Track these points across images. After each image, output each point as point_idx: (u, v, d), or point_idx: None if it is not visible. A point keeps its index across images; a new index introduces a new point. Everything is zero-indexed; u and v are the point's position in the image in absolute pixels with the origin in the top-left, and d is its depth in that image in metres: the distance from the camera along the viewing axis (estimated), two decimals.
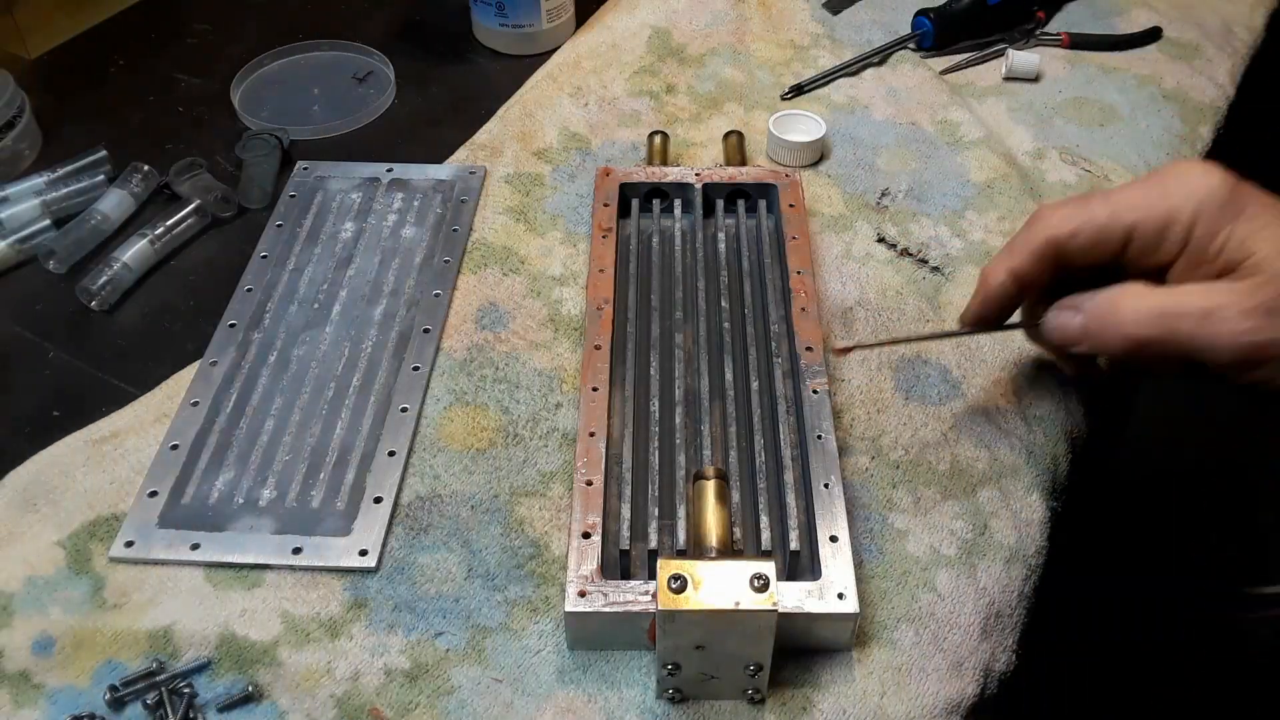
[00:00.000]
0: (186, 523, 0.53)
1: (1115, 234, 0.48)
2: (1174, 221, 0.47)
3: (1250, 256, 0.46)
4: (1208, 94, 0.81)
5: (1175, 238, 0.47)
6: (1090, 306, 0.49)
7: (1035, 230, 0.50)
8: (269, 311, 0.63)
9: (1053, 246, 0.49)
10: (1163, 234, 0.48)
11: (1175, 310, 0.47)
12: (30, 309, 0.65)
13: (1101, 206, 0.49)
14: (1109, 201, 0.49)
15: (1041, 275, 0.51)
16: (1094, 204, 0.49)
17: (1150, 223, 0.48)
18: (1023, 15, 0.86)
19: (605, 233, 0.64)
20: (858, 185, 0.72)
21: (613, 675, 0.48)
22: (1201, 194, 0.47)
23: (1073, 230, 0.49)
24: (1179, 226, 0.47)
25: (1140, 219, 0.48)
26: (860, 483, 0.55)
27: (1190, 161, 0.48)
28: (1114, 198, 0.49)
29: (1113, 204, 0.48)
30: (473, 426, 0.58)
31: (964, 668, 0.49)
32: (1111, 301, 0.48)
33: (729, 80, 0.81)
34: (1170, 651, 0.93)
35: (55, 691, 0.47)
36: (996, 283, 0.51)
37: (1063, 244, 0.49)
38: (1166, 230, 0.47)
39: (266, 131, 0.75)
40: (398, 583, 0.51)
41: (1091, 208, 0.49)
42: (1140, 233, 0.48)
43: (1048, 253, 0.50)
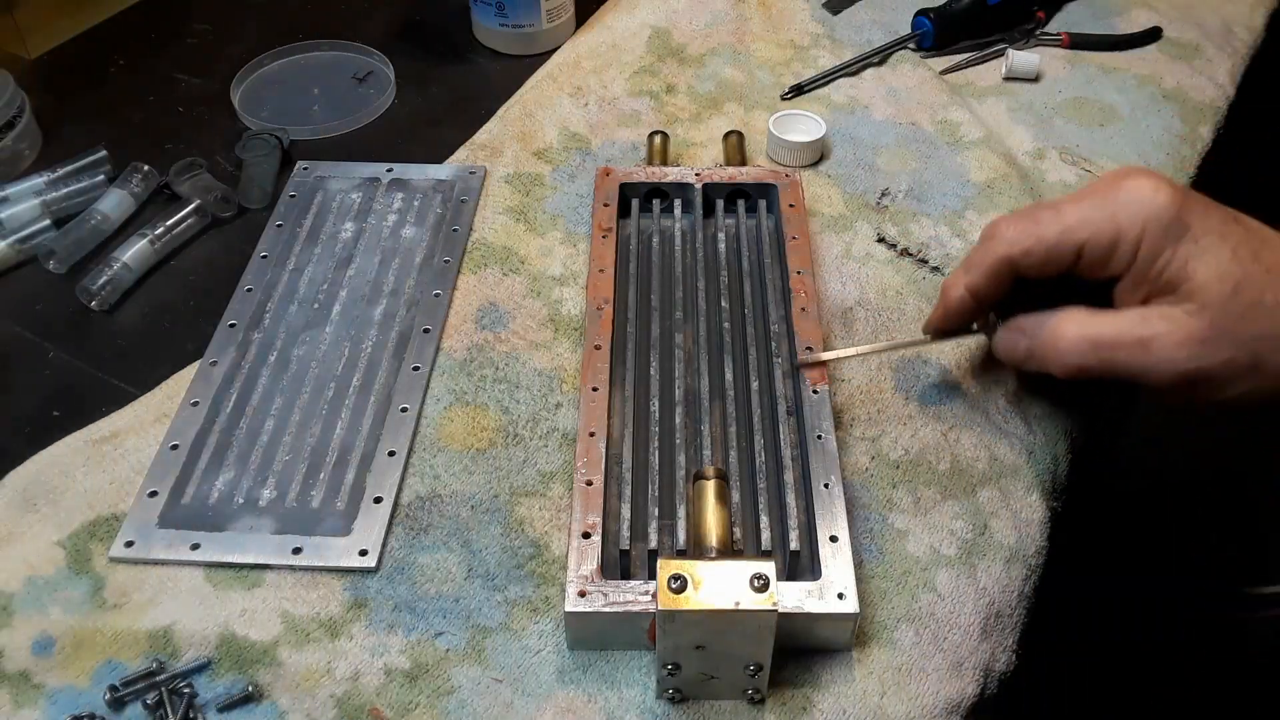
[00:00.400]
0: (186, 523, 0.53)
1: (1066, 251, 0.50)
2: (1121, 241, 0.48)
3: (1189, 280, 0.47)
4: (1208, 94, 0.81)
5: (1123, 255, 0.49)
6: (1033, 331, 0.51)
7: (990, 248, 0.52)
8: (269, 311, 0.63)
9: (1006, 264, 0.51)
10: (1110, 251, 0.49)
11: (1112, 340, 0.49)
12: (30, 309, 0.65)
13: (1052, 224, 0.50)
14: (1060, 218, 0.50)
15: (997, 289, 0.52)
16: (1045, 221, 0.50)
17: (1099, 241, 0.49)
18: (1023, 15, 0.86)
19: (605, 233, 0.64)
20: (858, 185, 0.72)
21: (613, 675, 0.48)
22: (1148, 213, 0.48)
23: (1025, 249, 0.50)
24: (1126, 245, 0.48)
25: (1090, 237, 0.49)
26: (860, 483, 0.55)
27: (1140, 175, 0.49)
28: (1065, 213, 0.50)
29: (1063, 221, 0.50)
30: (473, 426, 0.58)
31: (964, 668, 0.49)
32: (1052, 329, 0.50)
33: (729, 80, 0.81)
34: (1170, 651, 0.93)
35: (55, 691, 0.47)
36: (955, 297, 0.53)
37: (1016, 261, 0.51)
38: (1114, 248, 0.49)
39: (266, 131, 0.75)
40: (398, 583, 0.51)
41: (1042, 227, 0.50)
42: (1089, 249, 0.49)
43: (1002, 269, 0.51)
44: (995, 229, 0.52)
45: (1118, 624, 0.94)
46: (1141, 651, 0.94)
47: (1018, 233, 0.51)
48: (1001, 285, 0.52)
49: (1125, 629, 0.94)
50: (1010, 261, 0.51)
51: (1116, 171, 0.50)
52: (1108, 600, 0.94)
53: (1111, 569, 0.96)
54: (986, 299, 0.53)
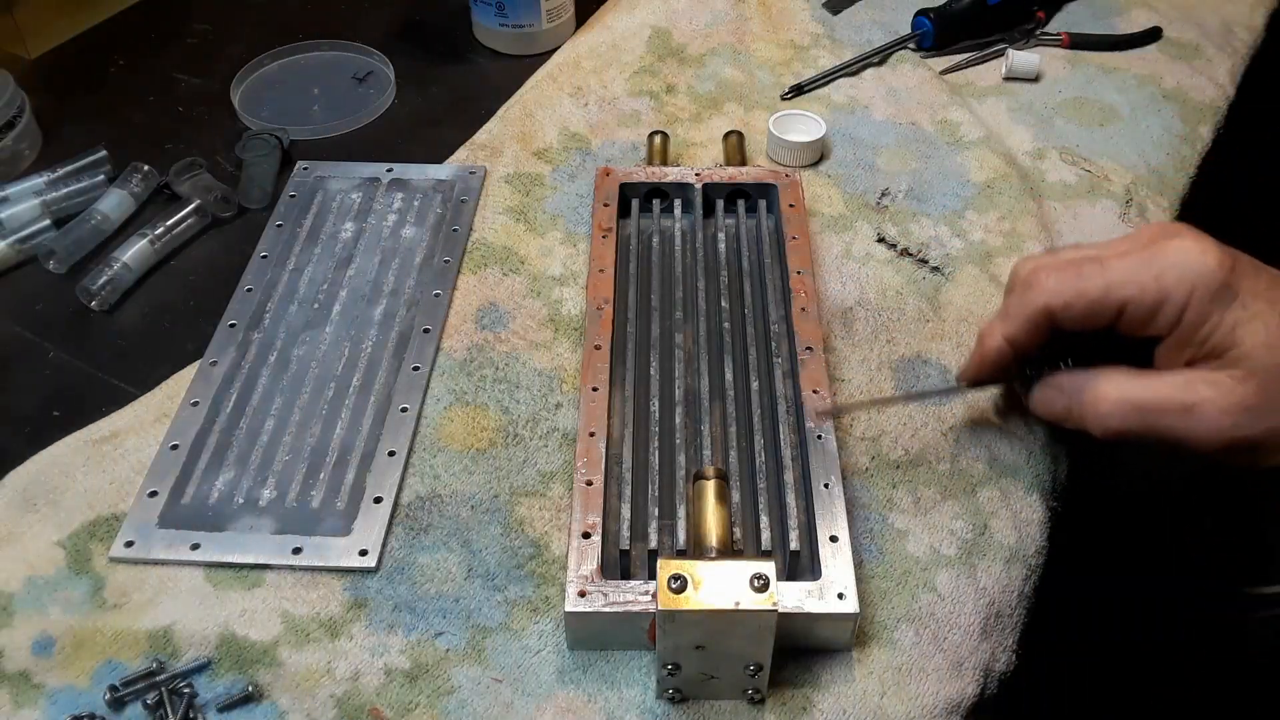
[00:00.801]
0: (186, 523, 0.53)
1: (1108, 308, 0.48)
2: (1166, 302, 0.47)
3: (1236, 346, 0.46)
4: (1208, 94, 0.81)
5: (1167, 317, 0.47)
6: (1072, 391, 0.50)
7: (1029, 298, 0.50)
8: (269, 311, 0.63)
9: (1046, 315, 0.50)
10: (1154, 313, 0.48)
11: (1155, 405, 0.47)
12: (30, 309, 0.65)
13: (1096, 278, 0.48)
14: (1104, 273, 0.48)
15: (1035, 340, 0.51)
16: (1088, 275, 0.49)
17: (1143, 301, 0.47)
18: (1023, 15, 0.86)
19: (605, 233, 0.64)
20: (858, 185, 0.72)
21: (613, 675, 0.48)
22: (1196, 276, 0.46)
23: (1066, 303, 0.49)
24: (1171, 307, 0.47)
25: (1133, 296, 0.48)
26: (860, 483, 0.55)
27: (1188, 236, 0.48)
28: (1109, 269, 0.48)
29: (1108, 277, 0.48)
30: (473, 426, 0.58)
31: (964, 668, 0.49)
32: (1094, 391, 0.49)
33: (729, 80, 0.81)
34: (1170, 651, 0.93)
35: (55, 691, 0.47)
36: (993, 347, 0.52)
37: (1056, 314, 0.50)
38: (1158, 310, 0.47)
39: (266, 131, 0.75)
40: (398, 583, 0.51)
41: (1085, 280, 0.49)
42: (1132, 309, 0.48)
43: (1041, 321, 0.50)
44: (1035, 278, 0.50)
45: (1118, 624, 0.94)
46: (1141, 651, 0.94)
47: (1059, 284, 0.49)
48: (1040, 335, 0.51)
49: (1125, 629, 0.94)
50: (1050, 313, 0.50)
51: (1163, 227, 0.49)
52: (1108, 600, 0.93)
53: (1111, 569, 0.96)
54: (1024, 349, 0.52)
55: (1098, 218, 0.71)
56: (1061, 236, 0.69)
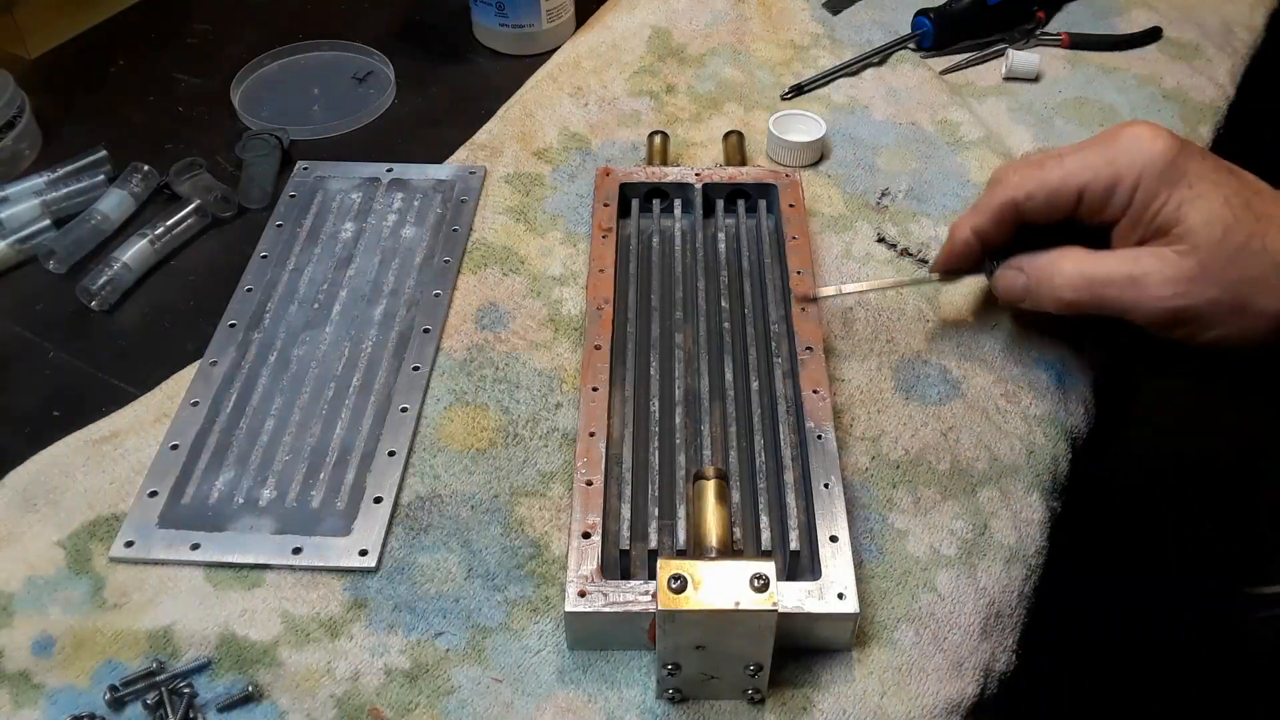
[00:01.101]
0: (186, 523, 0.53)
1: (1067, 195, 0.52)
2: (1119, 184, 0.51)
3: (1181, 223, 0.50)
4: (1208, 94, 0.81)
5: (1120, 199, 0.51)
6: (1031, 269, 0.54)
7: (995, 192, 0.55)
8: (269, 311, 0.63)
9: (1010, 207, 0.54)
10: (1109, 195, 0.52)
11: (1104, 277, 0.52)
12: (30, 309, 0.65)
13: (1054, 170, 0.53)
14: (1062, 164, 0.53)
15: (1001, 232, 0.55)
16: (1048, 166, 0.53)
17: (1098, 185, 0.51)
18: (1023, 15, 0.86)
19: (605, 233, 0.64)
20: (858, 185, 0.72)
21: (613, 675, 0.48)
22: (1145, 158, 0.50)
23: (1028, 193, 0.53)
24: (1123, 189, 0.51)
25: (1089, 181, 0.52)
26: (860, 483, 0.55)
27: (1141, 124, 0.52)
28: (1067, 160, 0.53)
29: (1065, 166, 0.52)
30: (473, 426, 0.58)
31: (964, 668, 0.49)
32: (1049, 266, 0.53)
33: (729, 80, 0.81)
34: (1170, 651, 0.93)
35: (55, 691, 0.47)
36: (961, 238, 0.56)
37: (1020, 204, 0.54)
38: (1112, 192, 0.51)
39: (266, 131, 0.75)
40: (398, 583, 0.51)
41: (1045, 171, 0.53)
42: (1089, 194, 0.52)
43: (1006, 213, 0.54)
44: (1001, 174, 0.55)
45: (1118, 624, 0.94)
46: (1141, 651, 0.94)
47: (1022, 178, 0.54)
48: (1005, 228, 0.55)
49: (1125, 629, 0.94)
50: (1014, 204, 0.54)
51: (1121, 123, 0.53)
52: (1108, 600, 0.93)
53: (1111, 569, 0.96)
54: (991, 241, 0.56)
55: None
56: None
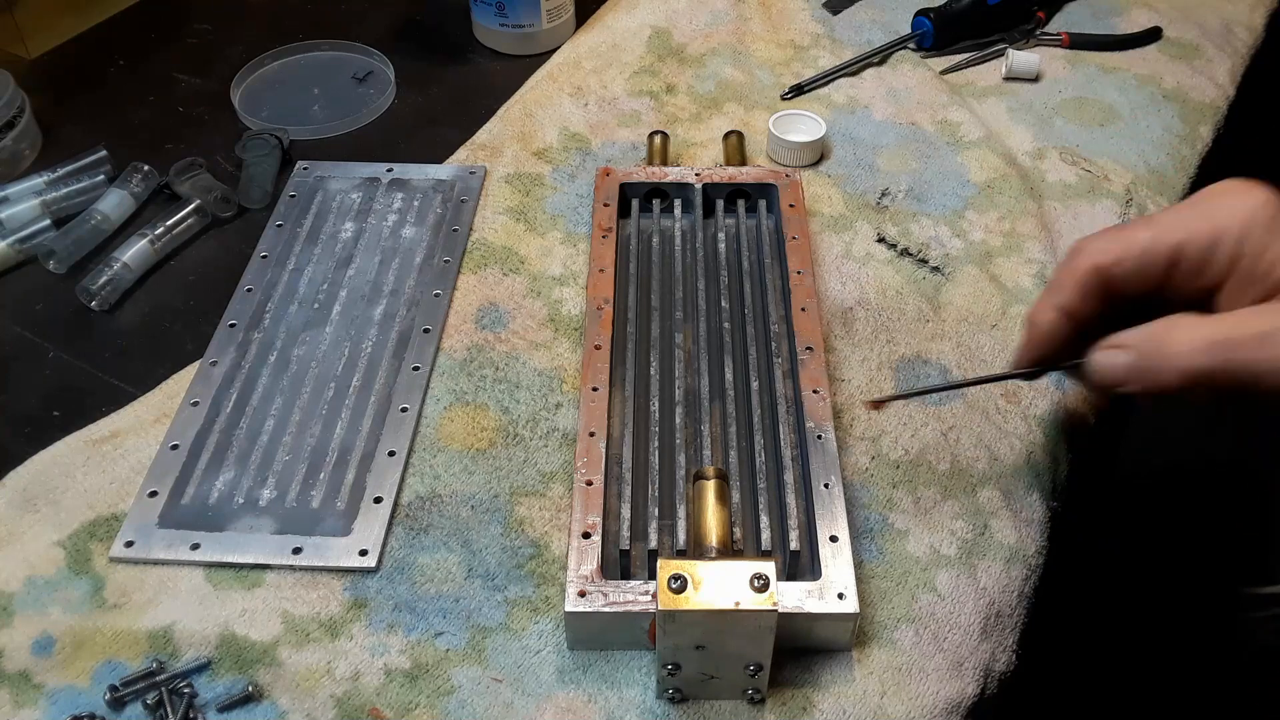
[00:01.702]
0: (186, 523, 0.53)
1: (1160, 256, 0.46)
2: (1220, 240, 0.45)
3: None
4: (1208, 94, 0.81)
5: (1223, 257, 0.45)
6: (1138, 342, 0.46)
7: (1078, 261, 0.48)
8: (269, 311, 0.63)
9: (1097, 275, 0.47)
10: (1209, 254, 0.45)
11: (1231, 337, 0.44)
12: (30, 309, 0.65)
13: (1142, 230, 0.47)
14: (1151, 224, 0.47)
15: (1090, 308, 0.48)
16: (1135, 228, 0.47)
17: (1196, 242, 0.45)
18: (1023, 15, 0.86)
19: (605, 233, 0.64)
20: (858, 185, 0.72)
21: (613, 675, 0.48)
22: (1246, 210, 0.45)
23: (1116, 257, 0.47)
24: (1226, 245, 0.45)
25: (1185, 239, 0.45)
26: (860, 483, 0.55)
27: (1232, 180, 0.46)
28: (1156, 220, 0.47)
29: (1155, 226, 0.46)
30: (473, 426, 0.58)
31: (964, 668, 0.49)
32: (1162, 334, 0.45)
33: (729, 80, 0.81)
34: (1170, 651, 0.93)
35: (55, 691, 0.47)
36: (1046, 321, 0.48)
37: (1107, 271, 0.47)
38: (1213, 249, 0.45)
39: (266, 131, 0.75)
40: (398, 583, 0.51)
41: (1133, 231, 0.47)
42: (1186, 254, 0.45)
43: (1093, 282, 0.47)
44: (1079, 244, 0.48)
45: (1118, 624, 0.94)
46: (1141, 651, 0.94)
47: (1106, 241, 0.47)
48: (1093, 301, 0.47)
49: (1125, 629, 0.94)
50: (1099, 271, 0.47)
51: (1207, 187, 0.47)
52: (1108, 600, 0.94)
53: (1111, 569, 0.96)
54: (1080, 319, 0.48)
55: (1098, 218, 0.71)
56: (1061, 236, 0.69)
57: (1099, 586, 0.93)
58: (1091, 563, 0.86)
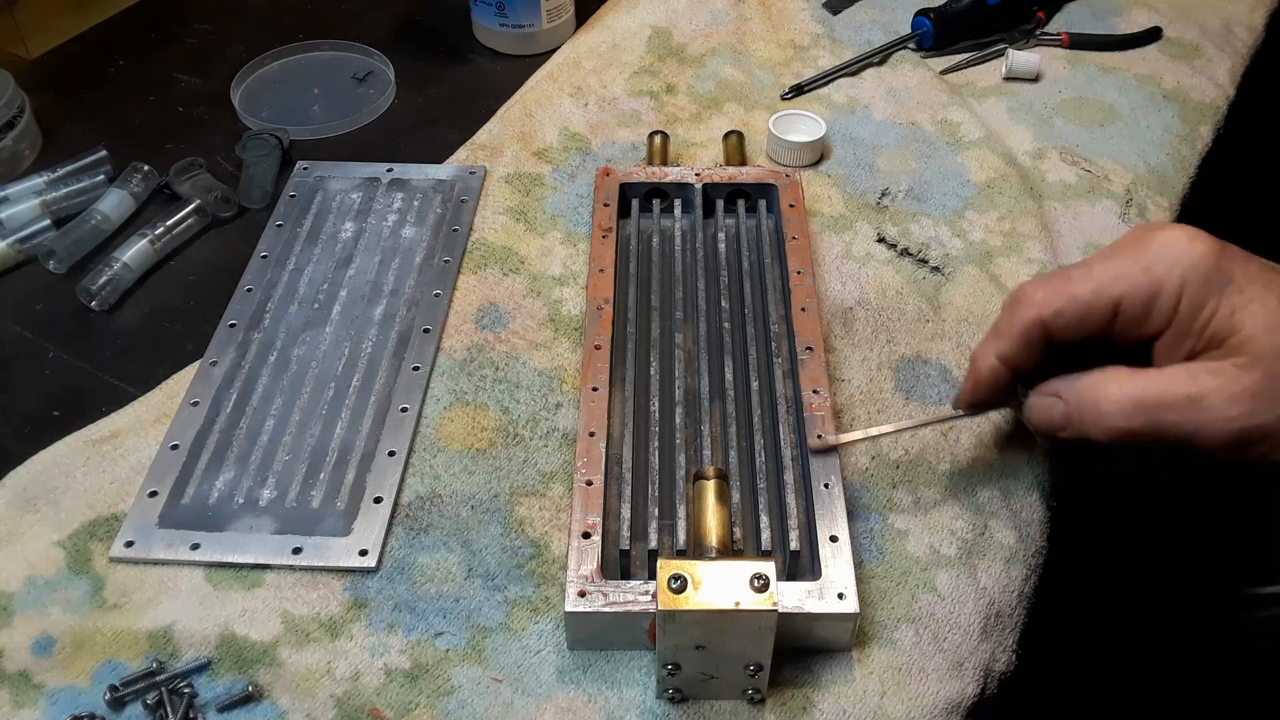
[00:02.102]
0: (186, 523, 0.53)
1: (1101, 310, 0.47)
2: (1160, 293, 0.45)
3: (1237, 332, 0.44)
4: (1208, 94, 0.81)
5: (1163, 310, 0.46)
6: (1071, 394, 0.47)
7: (1019, 312, 0.48)
8: (269, 311, 0.63)
9: (1038, 327, 0.48)
10: (1149, 307, 0.46)
11: (1159, 399, 0.45)
12: (30, 309, 0.65)
13: (1084, 282, 0.47)
14: (1091, 276, 0.47)
15: (1030, 356, 0.49)
16: (1076, 280, 0.47)
17: (1136, 296, 0.46)
18: (1023, 15, 0.86)
19: (605, 233, 0.64)
20: (858, 185, 0.72)
21: (613, 675, 0.48)
22: (1186, 264, 0.45)
23: (1057, 310, 0.47)
24: (1166, 299, 0.45)
25: (1126, 292, 0.46)
26: (860, 483, 0.55)
27: (1171, 227, 0.46)
28: (1096, 271, 0.47)
29: (1095, 278, 0.47)
30: (473, 426, 0.58)
31: (964, 668, 0.49)
32: (1092, 390, 0.47)
33: (729, 80, 0.81)
34: (1170, 651, 0.93)
35: (55, 691, 0.47)
36: (987, 367, 0.50)
37: (1048, 323, 0.48)
38: (1153, 303, 0.46)
39: (266, 131, 0.75)
40: (398, 583, 0.51)
41: (1074, 285, 0.47)
42: (1126, 306, 0.46)
43: (1034, 334, 0.48)
44: (1022, 293, 0.48)
45: (1118, 624, 0.94)
46: (1141, 651, 0.94)
47: (1048, 294, 0.47)
48: (1034, 351, 0.48)
49: (1125, 629, 0.94)
50: (1042, 324, 0.47)
51: (1145, 226, 0.48)
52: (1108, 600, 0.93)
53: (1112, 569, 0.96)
54: (1019, 367, 0.49)
55: (1098, 218, 0.71)
56: (1061, 236, 0.69)
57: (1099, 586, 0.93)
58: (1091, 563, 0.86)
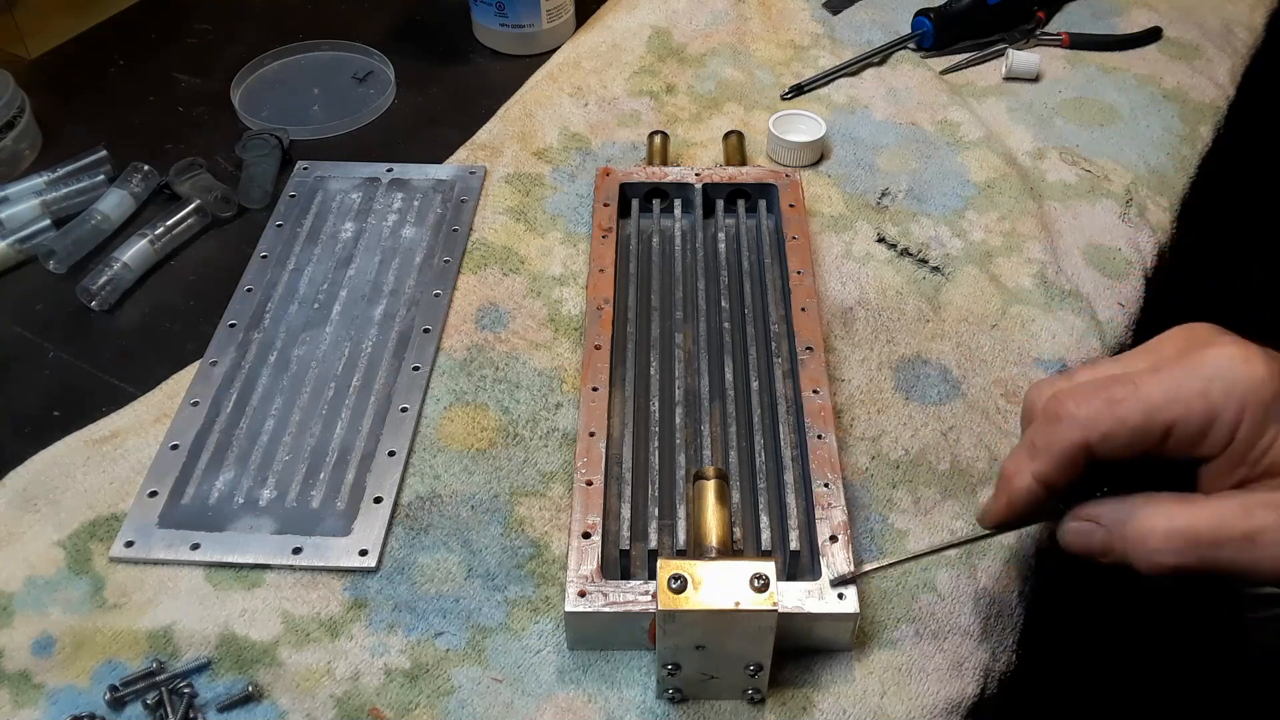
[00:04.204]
0: (186, 523, 0.53)
1: (1152, 435, 0.43)
2: (1216, 420, 0.42)
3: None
4: (1208, 94, 0.81)
5: (1218, 438, 0.42)
6: (1113, 523, 0.44)
7: (1060, 432, 0.44)
8: (269, 311, 0.63)
9: (1083, 450, 0.43)
10: (1204, 434, 0.42)
11: (1211, 536, 0.42)
12: (30, 309, 0.65)
13: (1134, 403, 0.42)
14: (1140, 396, 0.42)
15: (1070, 478, 0.44)
16: (1123, 399, 0.43)
17: (1190, 421, 0.42)
18: (1023, 15, 0.86)
19: (605, 233, 0.64)
20: (858, 185, 0.72)
21: (613, 675, 0.48)
22: (1245, 389, 0.41)
23: (1104, 434, 0.43)
24: (1223, 426, 0.42)
25: (1180, 417, 0.42)
26: (860, 483, 0.55)
27: (1224, 342, 0.43)
28: (1145, 390, 0.42)
29: (1147, 399, 0.42)
30: (473, 426, 0.58)
31: (964, 668, 0.49)
32: (1137, 523, 0.43)
33: (729, 80, 0.81)
34: (1171, 651, 0.93)
35: (55, 691, 0.47)
36: (1024, 488, 0.45)
37: (1093, 447, 0.43)
38: (1208, 430, 0.42)
39: (266, 131, 0.75)
40: (398, 583, 0.51)
41: (1123, 405, 0.43)
42: (1179, 431, 0.42)
43: (1076, 456, 0.44)
44: (1062, 408, 0.44)
45: (1118, 624, 0.94)
46: (1142, 651, 0.94)
47: (1093, 413, 0.43)
48: (1075, 473, 0.44)
49: (1125, 629, 0.94)
50: (1087, 447, 0.43)
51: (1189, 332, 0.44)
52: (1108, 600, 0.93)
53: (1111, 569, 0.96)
54: (1058, 489, 0.45)
55: (1098, 217, 0.71)
56: (1061, 236, 0.69)
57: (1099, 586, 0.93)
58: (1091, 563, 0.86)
